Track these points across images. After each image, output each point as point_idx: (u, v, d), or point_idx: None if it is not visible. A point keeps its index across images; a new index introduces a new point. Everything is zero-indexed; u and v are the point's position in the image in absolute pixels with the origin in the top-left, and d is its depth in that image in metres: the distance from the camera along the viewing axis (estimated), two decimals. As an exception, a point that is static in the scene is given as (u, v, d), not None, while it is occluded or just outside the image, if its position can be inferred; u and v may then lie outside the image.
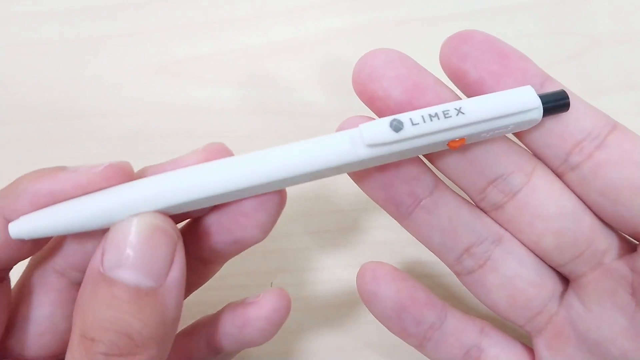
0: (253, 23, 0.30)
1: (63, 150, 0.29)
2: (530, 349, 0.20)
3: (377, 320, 0.24)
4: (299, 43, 0.30)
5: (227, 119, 0.29)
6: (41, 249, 0.18)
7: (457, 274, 0.20)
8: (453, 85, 0.18)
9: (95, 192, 0.16)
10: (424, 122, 0.16)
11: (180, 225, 0.19)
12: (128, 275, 0.15)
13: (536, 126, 0.18)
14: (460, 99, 0.18)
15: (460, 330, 0.20)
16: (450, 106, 0.16)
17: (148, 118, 0.29)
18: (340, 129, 0.18)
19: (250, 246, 0.19)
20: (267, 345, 0.23)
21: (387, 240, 0.26)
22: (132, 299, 0.15)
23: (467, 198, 0.20)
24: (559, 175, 0.18)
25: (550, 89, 0.17)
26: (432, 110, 0.16)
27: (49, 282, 0.18)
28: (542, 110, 0.17)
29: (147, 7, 0.31)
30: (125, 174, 0.17)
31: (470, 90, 0.18)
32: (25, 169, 0.28)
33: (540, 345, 0.20)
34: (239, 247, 0.19)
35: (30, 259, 0.19)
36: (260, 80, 0.29)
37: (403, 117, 0.16)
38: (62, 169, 0.17)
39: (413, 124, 0.16)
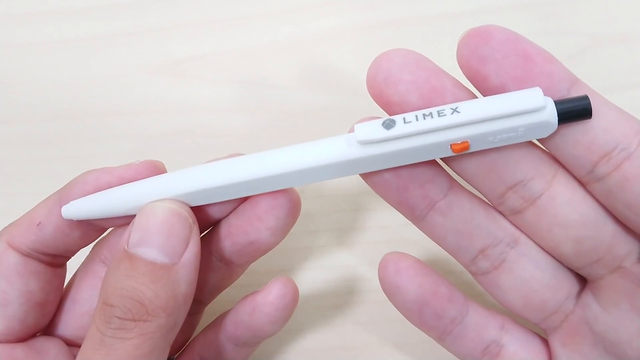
0: (254, 22, 0.30)
1: (63, 149, 0.29)
2: (547, 344, 0.20)
3: (376, 321, 0.24)
4: (300, 42, 0.30)
5: (227, 118, 0.29)
6: (89, 242, 0.21)
7: (472, 274, 0.20)
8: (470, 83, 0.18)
9: (128, 183, 0.19)
10: (417, 120, 0.16)
11: (207, 230, 0.21)
12: (147, 252, 0.17)
13: (562, 136, 0.17)
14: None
15: (482, 326, 0.20)
16: (447, 106, 0.16)
17: (149, 117, 0.29)
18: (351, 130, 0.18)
19: (266, 250, 0.20)
20: (267, 345, 0.23)
21: (387, 240, 0.26)
22: (147, 271, 0.17)
23: (484, 197, 0.19)
24: (583, 184, 0.18)
25: (578, 94, 0.16)
26: (427, 110, 0.16)
27: (94, 270, 0.21)
28: (555, 114, 0.16)
29: (148, 6, 0.31)
30: (157, 169, 0.20)
31: (491, 94, 0.17)
32: (26, 168, 0.28)
33: (555, 343, 0.20)
34: (255, 249, 0.20)
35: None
36: (261, 79, 0.29)
37: (397, 117, 0.16)
38: (108, 167, 0.20)
39: (405, 122, 0.16)
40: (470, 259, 0.19)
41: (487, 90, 0.17)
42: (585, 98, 0.16)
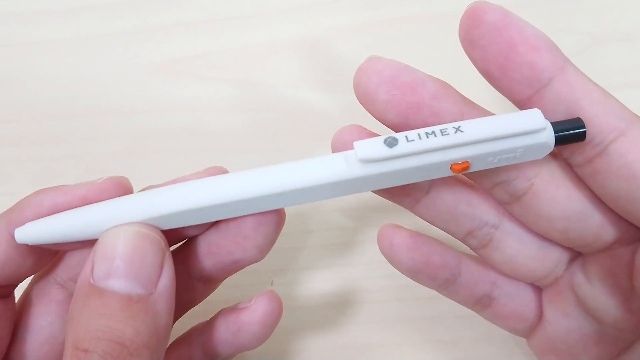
0: (253, 21, 0.30)
1: (63, 148, 0.29)
2: (539, 292, 0.21)
3: (376, 321, 0.24)
4: (300, 41, 0.30)
5: (227, 117, 0.29)
6: (43, 267, 0.19)
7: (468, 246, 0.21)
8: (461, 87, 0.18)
9: (91, 204, 0.17)
10: (420, 139, 0.16)
11: (177, 245, 0.20)
12: (118, 284, 0.16)
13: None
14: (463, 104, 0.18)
15: (473, 283, 0.21)
16: (449, 125, 0.16)
17: (149, 116, 0.29)
18: (335, 139, 0.18)
19: (248, 265, 0.19)
20: (266, 345, 0.23)
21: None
22: (123, 307, 0.15)
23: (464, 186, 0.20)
24: (572, 166, 0.18)
25: (560, 87, 0.17)
26: (429, 128, 0.16)
27: (50, 293, 0.19)
28: (552, 135, 0.16)
29: (148, 5, 0.31)
30: (123, 187, 0.18)
31: (485, 77, 0.17)
32: (26, 167, 0.28)
33: (544, 298, 0.21)
34: (239, 266, 0.19)
35: (33, 275, 0.20)
36: (261, 78, 0.29)
37: (399, 135, 0.16)
38: (64, 185, 0.18)
39: (408, 141, 0.16)
40: (460, 238, 0.20)
41: (480, 72, 0.17)
42: (579, 121, 0.16)
